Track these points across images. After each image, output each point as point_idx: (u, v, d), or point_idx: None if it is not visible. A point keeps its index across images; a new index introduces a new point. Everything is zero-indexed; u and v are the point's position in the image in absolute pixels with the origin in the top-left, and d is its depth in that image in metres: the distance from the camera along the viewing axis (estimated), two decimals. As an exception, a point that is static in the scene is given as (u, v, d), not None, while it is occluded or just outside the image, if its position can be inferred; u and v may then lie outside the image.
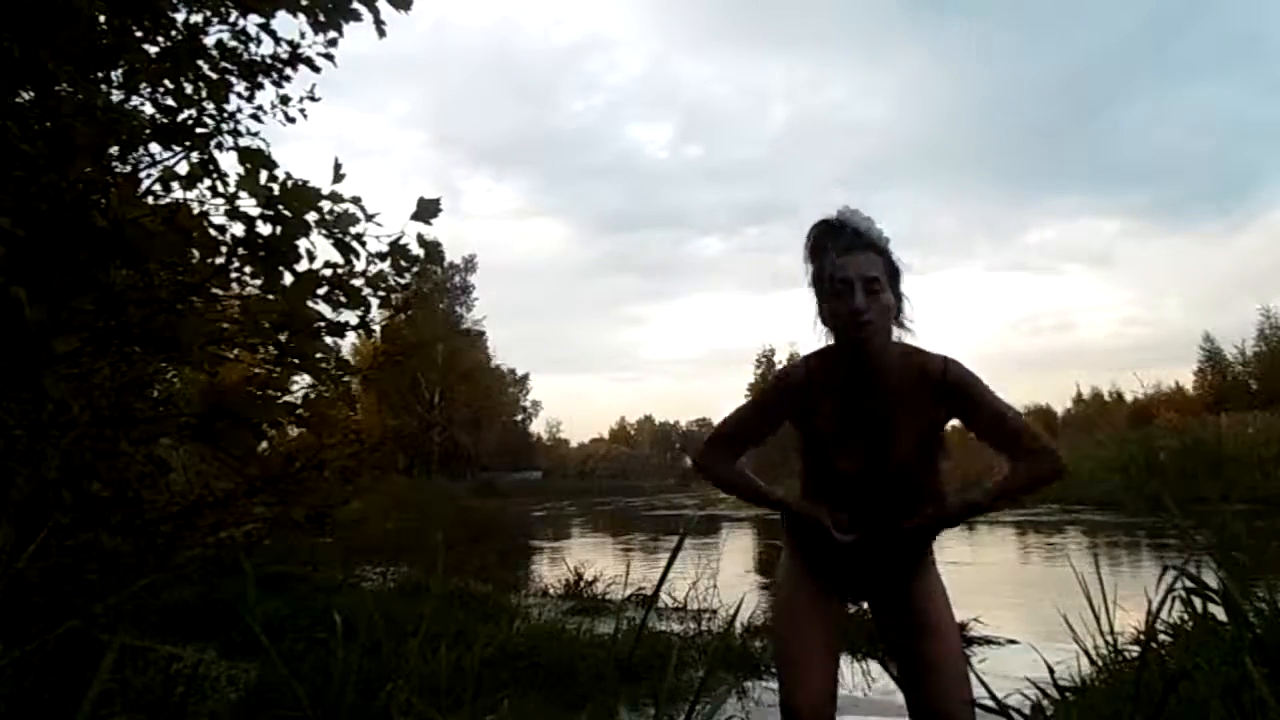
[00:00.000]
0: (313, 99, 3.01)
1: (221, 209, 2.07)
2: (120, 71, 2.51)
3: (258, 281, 2.17)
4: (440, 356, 37.13)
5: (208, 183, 2.23)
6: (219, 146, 2.75)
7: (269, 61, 2.88)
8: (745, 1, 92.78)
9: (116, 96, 2.54)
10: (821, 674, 1.77)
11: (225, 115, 2.80)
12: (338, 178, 2.09)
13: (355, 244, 2.18)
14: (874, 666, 3.88)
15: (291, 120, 2.99)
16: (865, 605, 2.02)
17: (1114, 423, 34.11)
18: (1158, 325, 72.52)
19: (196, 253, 2.11)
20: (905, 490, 1.77)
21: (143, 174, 2.59)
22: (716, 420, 2.08)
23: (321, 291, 2.19)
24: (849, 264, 1.71)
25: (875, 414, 1.75)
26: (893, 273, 1.75)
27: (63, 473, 1.91)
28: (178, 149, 2.61)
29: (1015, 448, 1.75)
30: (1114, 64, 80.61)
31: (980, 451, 1.89)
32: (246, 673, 2.90)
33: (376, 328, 2.45)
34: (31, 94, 2.14)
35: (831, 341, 1.80)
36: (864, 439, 1.76)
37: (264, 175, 2.00)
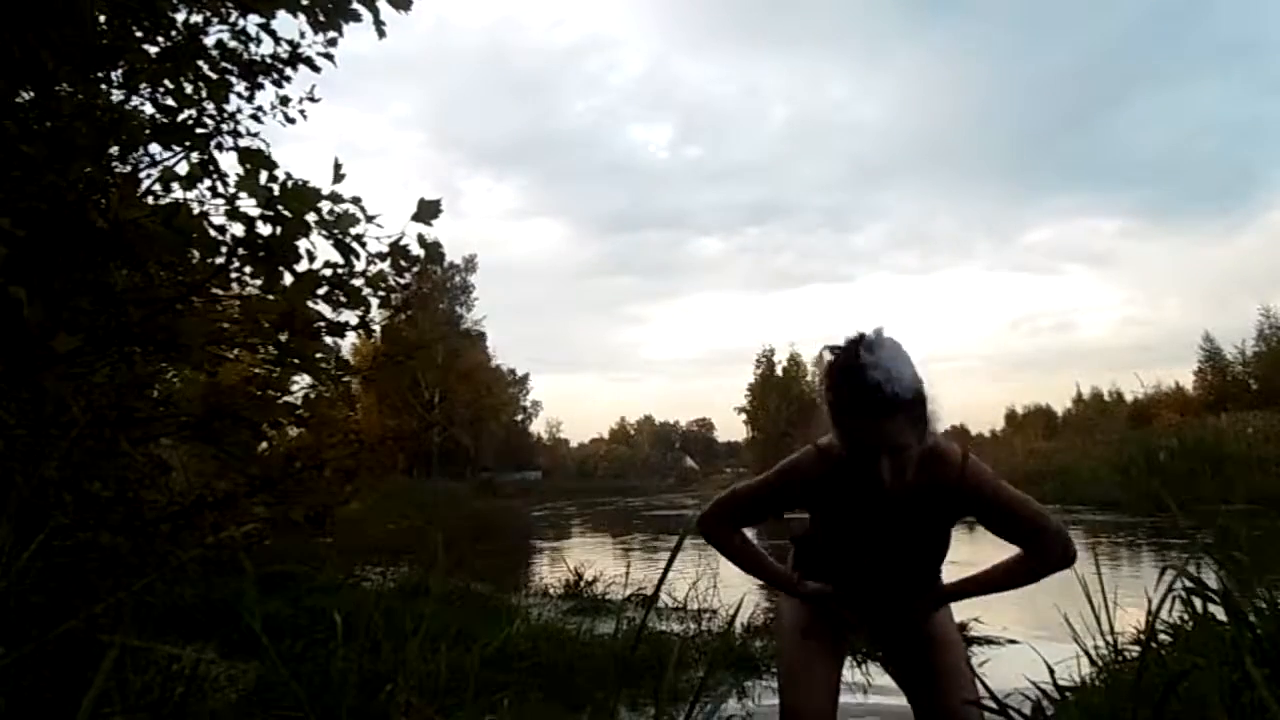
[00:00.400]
0: (313, 99, 3.01)
1: (221, 209, 2.07)
2: (120, 71, 2.51)
3: (258, 281, 2.17)
4: (440, 356, 37.09)
5: (208, 183, 2.23)
6: (219, 146, 2.75)
7: (269, 61, 2.87)
8: (745, 1, 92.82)
9: (116, 96, 2.54)
10: (823, 677, 1.78)
11: (225, 115, 2.79)
12: (338, 178, 2.09)
13: (355, 244, 2.18)
14: (874, 669, 3.88)
15: (291, 120, 2.99)
16: None
17: (1114, 423, 34.08)
18: (1158, 325, 72.77)
19: (196, 253, 2.11)
20: (916, 576, 1.83)
21: (143, 174, 2.59)
22: (716, 420, 2.08)
23: (321, 291, 2.19)
24: (874, 432, 1.58)
25: (890, 517, 1.74)
26: (921, 415, 1.61)
27: (63, 473, 1.91)
28: (178, 149, 2.61)
29: (1031, 544, 1.75)
30: (1114, 64, 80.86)
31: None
32: (246, 673, 2.90)
33: (376, 328, 2.45)
34: (31, 94, 2.14)
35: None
36: (878, 537, 1.77)
37: (264, 175, 2.00)
